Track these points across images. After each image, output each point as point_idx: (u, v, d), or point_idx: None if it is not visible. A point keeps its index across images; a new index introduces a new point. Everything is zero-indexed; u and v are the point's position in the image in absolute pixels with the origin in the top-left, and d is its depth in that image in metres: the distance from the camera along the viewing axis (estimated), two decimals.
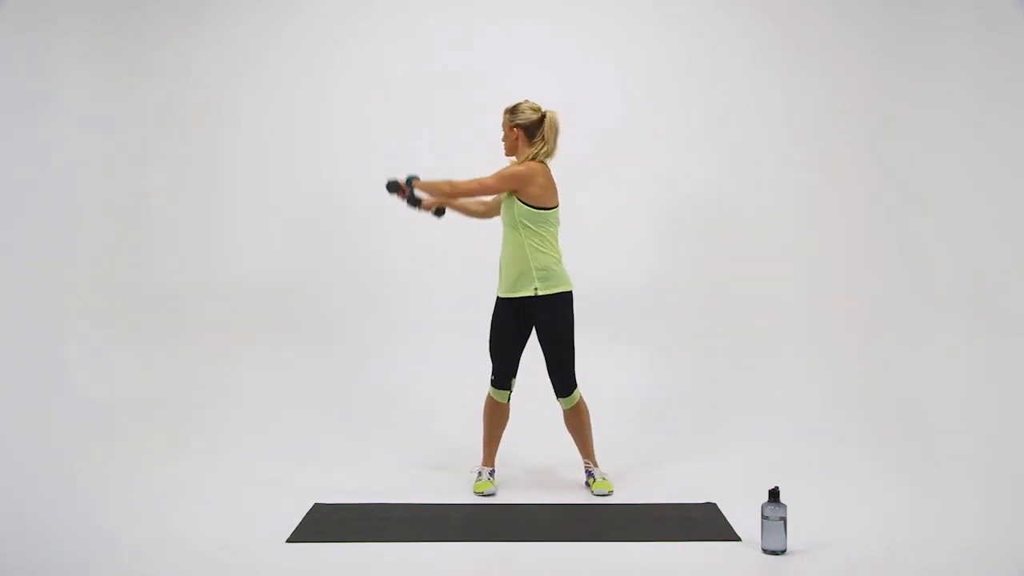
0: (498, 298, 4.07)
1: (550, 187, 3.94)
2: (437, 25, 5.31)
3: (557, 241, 3.98)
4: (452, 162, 5.25)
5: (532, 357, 4.06)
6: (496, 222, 4.14)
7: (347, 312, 5.36)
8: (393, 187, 4.02)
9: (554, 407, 4.20)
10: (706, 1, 5.29)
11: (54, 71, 5.12)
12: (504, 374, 4.02)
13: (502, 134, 4.04)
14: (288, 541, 3.44)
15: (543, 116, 3.95)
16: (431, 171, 5.26)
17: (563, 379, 3.98)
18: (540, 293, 3.92)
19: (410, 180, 4.02)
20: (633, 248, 5.30)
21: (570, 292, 3.98)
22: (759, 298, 5.27)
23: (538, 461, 4.37)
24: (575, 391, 4.00)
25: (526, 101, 3.98)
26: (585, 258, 4.43)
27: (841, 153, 5.23)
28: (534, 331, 4.01)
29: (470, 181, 3.95)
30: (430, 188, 4.03)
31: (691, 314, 5.29)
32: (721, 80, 5.28)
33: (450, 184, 3.99)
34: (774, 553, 3.27)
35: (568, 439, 4.13)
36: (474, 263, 4.62)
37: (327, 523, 3.63)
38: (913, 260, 5.07)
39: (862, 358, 5.13)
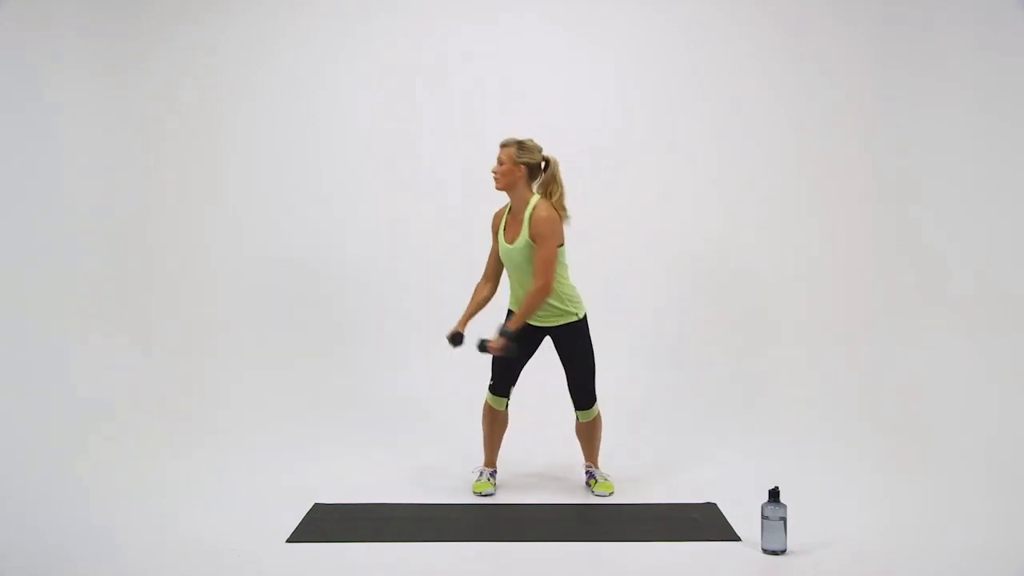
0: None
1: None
2: (437, 26, 5.31)
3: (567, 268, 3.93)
4: (450, 161, 5.30)
5: (533, 358, 4.06)
6: None
7: (348, 312, 5.36)
8: (483, 347, 3.78)
9: (555, 408, 4.20)
10: (706, 1, 5.30)
11: (54, 71, 5.11)
12: (504, 382, 3.98)
13: (499, 166, 3.80)
14: (288, 541, 3.44)
15: (547, 160, 3.85)
16: (429, 172, 5.32)
17: (585, 395, 3.96)
18: (571, 320, 3.88)
19: (505, 332, 3.78)
20: (634, 247, 5.30)
21: (586, 315, 3.93)
22: (759, 298, 5.27)
23: (539, 462, 4.37)
24: (594, 405, 3.99)
25: (531, 140, 3.84)
26: (589, 261, 4.41)
27: (841, 153, 5.23)
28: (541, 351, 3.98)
29: (541, 288, 3.73)
30: (522, 324, 3.82)
31: (691, 313, 5.28)
32: (721, 80, 5.28)
33: (533, 306, 3.78)
34: (774, 553, 3.27)
35: (570, 441, 4.13)
36: (477, 264, 4.61)
37: (327, 523, 3.63)
38: (913, 260, 5.07)
39: (862, 358, 5.13)
